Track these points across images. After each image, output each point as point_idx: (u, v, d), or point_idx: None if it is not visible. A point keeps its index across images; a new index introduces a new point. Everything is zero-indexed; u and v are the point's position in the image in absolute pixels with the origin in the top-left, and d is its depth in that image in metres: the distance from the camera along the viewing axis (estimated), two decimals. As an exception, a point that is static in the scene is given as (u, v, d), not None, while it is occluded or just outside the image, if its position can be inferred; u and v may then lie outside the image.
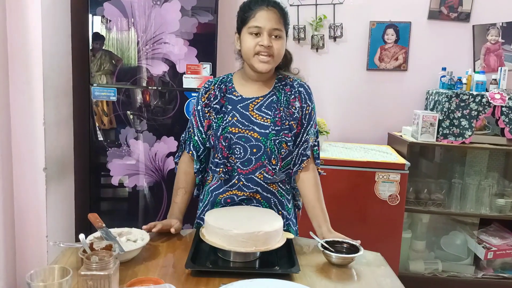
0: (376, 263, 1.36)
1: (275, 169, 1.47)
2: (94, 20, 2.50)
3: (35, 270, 0.89)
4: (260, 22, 1.42)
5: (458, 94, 2.72)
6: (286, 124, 1.48)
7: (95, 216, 1.33)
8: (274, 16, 1.43)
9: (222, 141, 1.47)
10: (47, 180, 2.24)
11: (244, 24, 1.46)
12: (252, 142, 1.47)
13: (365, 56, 3.12)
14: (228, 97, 1.53)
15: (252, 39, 1.43)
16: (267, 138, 1.46)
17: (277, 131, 1.46)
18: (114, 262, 0.97)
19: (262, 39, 1.42)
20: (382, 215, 2.63)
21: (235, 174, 1.49)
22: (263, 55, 1.43)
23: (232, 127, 1.47)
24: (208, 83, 1.57)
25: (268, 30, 1.42)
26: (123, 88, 2.58)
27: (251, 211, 1.43)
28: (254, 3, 1.45)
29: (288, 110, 1.49)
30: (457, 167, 2.99)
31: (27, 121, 2.19)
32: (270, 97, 1.51)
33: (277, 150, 1.46)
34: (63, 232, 2.48)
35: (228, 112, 1.50)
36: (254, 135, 1.46)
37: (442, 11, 3.05)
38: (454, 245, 3.03)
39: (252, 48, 1.43)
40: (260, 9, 1.42)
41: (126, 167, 2.65)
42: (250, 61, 1.46)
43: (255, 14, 1.42)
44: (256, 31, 1.42)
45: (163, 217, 2.69)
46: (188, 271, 1.19)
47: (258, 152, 1.47)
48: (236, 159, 1.48)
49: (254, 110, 1.49)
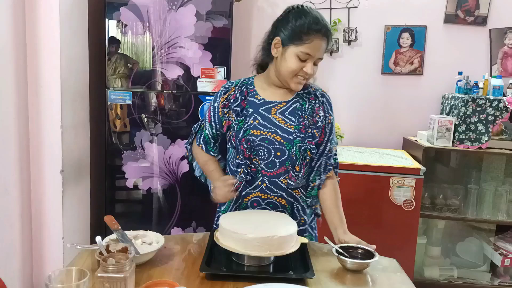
0: (391, 269, 1.35)
1: (297, 175, 1.49)
2: (110, 24, 2.54)
3: (53, 272, 0.91)
4: (312, 51, 1.40)
5: (474, 98, 2.69)
6: (309, 132, 1.49)
7: (111, 218, 1.34)
8: (324, 46, 1.43)
9: (244, 143, 1.47)
10: (64, 183, 2.27)
11: (295, 43, 1.41)
12: (276, 145, 1.47)
13: (380, 60, 3.11)
14: (249, 100, 1.53)
15: (298, 62, 1.42)
16: (292, 145, 1.46)
17: (302, 138, 1.47)
18: (130, 264, 0.98)
19: (307, 67, 1.42)
20: (397, 221, 2.61)
21: (259, 176, 1.49)
22: (302, 78, 1.45)
23: (254, 129, 1.48)
24: (229, 84, 1.58)
25: (315, 59, 1.43)
26: (139, 92, 2.60)
27: (266, 215, 1.43)
28: (314, 28, 1.40)
29: (312, 119, 1.51)
30: (474, 172, 2.95)
31: (44, 124, 2.22)
32: (294, 104, 1.52)
33: (301, 157, 1.48)
34: (79, 233, 2.50)
35: (249, 115, 1.50)
36: (277, 138, 1.47)
37: (458, 14, 3.02)
38: (470, 252, 2.99)
39: (294, 71, 1.44)
40: (317, 37, 1.39)
41: (140, 170, 2.67)
42: (287, 79, 1.47)
43: (312, 41, 1.39)
44: (304, 58, 1.41)
45: (177, 220, 2.71)
46: (202, 275, 1.19)
47: (282, 156, 1.47)
48: (260, 160, 1.48)
49: (277, 114, 1.50)
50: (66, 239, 2.33)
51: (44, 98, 2.21)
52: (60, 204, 2.28)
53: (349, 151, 2.93)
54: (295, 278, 1.19)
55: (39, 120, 2.21)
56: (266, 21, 3.09)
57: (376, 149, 3.06)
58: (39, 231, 2.29)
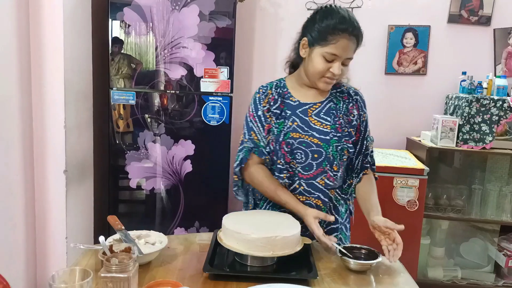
0: (395, 269, 1.35)
1: (336, 175, 1.48)
2: (114, 24, 2.54)
3: (56, 271, 0.91)
4: (338, 51, 1.37)
5: (478, 98, 2.67)
6: (346, 131, 1.48)
7: (115, 218, 1.34)
8: (353, 46, 1.39)
9: (284, 147, 1.46)
10: (67, 183, 2.28)
11: (320, 43, 1.39)
12: (313, 147, 1.46)
13: (384, 60, 3.10)
14: (285, 102, 1.51)
15: (325, 63, 1.40)
16: (329, 145, 1.46)
17: (339, 137, 1.47)
18: (134, 264, 0.98)
19: (334, 68, 1.39)
20: (400, 221, 2.54)
21: (296, 179, 1.49)
22: (329, 79, 1.43)
23: (293, 132, 1.47)
24: (264, 88, 1.55)
25: (343, 60, 1.40)
26: (142, 92, 2.61)
27: (269, 216, 1.43)
28: (339, 27, 1.36)
29: (347, 118, 1.50)
30: (478, 172, 2.94)
31: (48, 124, 2.23)
32: (328, 104, 1.51)
33: (339, 156, 1.47)
34: (82, 233, 2.51)
35: (288, 117, 1.48)
36: (314, 140, 1.46)
37: (462, 14, 3.01)
38: (474, 252, 2.98)
39: (322, 72, 1.42)
40: (343, 36, 1.36)
41: (144, 170, 2.67)
42: (314, 80, 1.45)
43: (337, 41, 1.36)
44: (331, 58, 1.39)
45: (180, 220, 2.72)
46: (205, 275, 1.19)
47: (319, 157, 1.46)
48: (297, 164, 1.47)
49: (313, 116, 1.49)
50: (70, 239, 2.33)
51: (47, 98, 2.22)
52: (63, 204, 2.28)
53: (352, 151, 2.92)
54: (298, 278, 1.18)
55: (42, 120, 2.22)
56: (269, 21, 3.12)
57: (379, 149, 3.05)
58: (43, 231, 2.30)
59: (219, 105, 2.63)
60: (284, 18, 3.06)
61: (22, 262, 2.17)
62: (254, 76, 3.19)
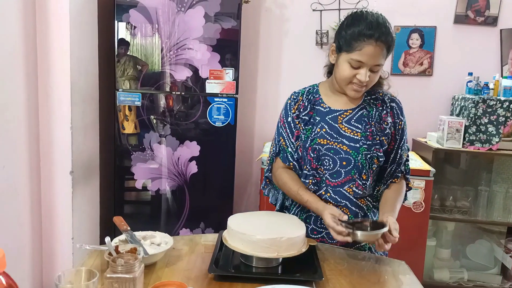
0: (401, 271, 1.34)
1: (365, 184, 1.44)
2: (120, 26, 2.55)
3: (62, 272, 0.91)
4: (364, 58, 1.33)
5: (485, 99, 2.66)
6: (377, 139, 1.44)
7: (120, 219, 1.35)
8: (380, 52, 1.33)
9: (311, 152, 1.44)
10: (73, 183, 2.29)
11: (347, 50, 1.36)
12: (342, 154, 1.43)
13: (389, 61, 3.10)
14: (316, 108, 1.49)
15: (351, 69, 1.36)
16: (358, 152, 1.42)
17: (369, 146, 1.42)
18: (139, 265, 0.98)
19: (361, 74, 1.35)
20: (406, 222, 2.57)
21: (323, 186, 1.46)
22: (357, 85, 1.38)
23: (321, 138, 1.44)
24: (296, 94, 1.53)
25: (369, 66, 1.35)
26: (147, 93, 2.62)
27: (274, 217, 1.43)
28: (364, 33, 1.32)
29: (380, 126, 1.45)
30: (484, 174, 2.93)
31: (54, 125, 2.24)
32: (360, 111, 1.47)
33: (368, 165, 1.43)
34: (88, 234, 2.52)
35: (316, 124, 1.46)
36: (344, 147, 1.43)
37: (468, 15, 2.99)
38: (480, 254, 2.96)
39: (349, 78, 1.38)
40: (369, 43, 1.31)
41: (149, 171, 2.68)
42: (343, 86, 1.42)
43: (362, 48, 1.32)
44: (356, 65, 1.35)
45: (185, 221, 2.72)
46: (211, 276, 1.19)
47: (348, 165, 1.43)
48: (324, 171, 1.45)
49: (343, 123, 1.45)
50: (76, 239, 2.34)
51: (54, 100, 2.23)
52: (69, 205, 2.29)
53: (357, 153, 2.92)
54: (303, 280, 1.18)
55: (49, 121, 2.23)
56: (274, 22, 3.12)
57: (385, 150, 3.04)
58: (49, 231, 2.31)
59: (224, 107, 2.64)
60: (289, 19, 3.06)
61: (28, 262, 2.19)
62: (259, 77, 3.20)
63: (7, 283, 0.60)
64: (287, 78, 3.17)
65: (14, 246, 2.06)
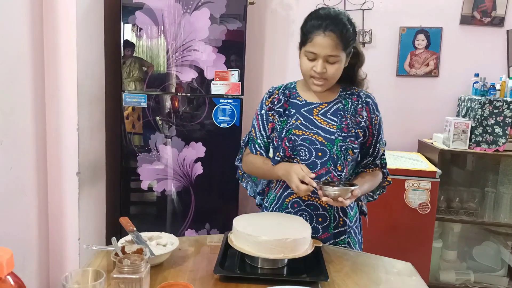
0: (406, 273, 1.34)
1: (340, 175, 1.48)
2: (126, 28, 2.57)
3: (69, 272, 0.92)
4: (315, 48, 1.39)
5: (491, 100, 2.65)
6: (352, 131, 1.48)
7: (127, 220, 1.35)
8: (331, 43, 1.37)
9: (286, 142, 1.48)
10: (80, 184, 2.30)
11: (302, 44, 1.44)
12: (317, 145, 1.47)
13: (395, 62, 3.09)
14: (291, 101, 1.54)
15: (308, 62, 1.43)
16: (333, 144, 1.46)
17: (344, 137, 1.46)
18: (145, 265, 0.98)
19: (316, 65, 1.40)
20: (412, 224, 2.58)
21: None
22: (317, 79, 1.43)
23: (296, 129, 1.49)
24: (272, 89, 1.59)
25: (323, 57, 1.39)
26: (153, 95, 2.63)
27: (280, 218, 1.43)
28: (313, 24, 1.39)
29: (355, 119, 1.50)
30: (490, 175, 2.91)
31: (61, 127, 2.26)
32: (336, 105, 1.52)
33: (343, 156, 1.46)
34: (94, 235, 2.53)
35: (291, 116, 1.51)
36: (319, 138, 1.47)
37: (474, 16, 2.98)
38: (487, 256, 2.95)
39: (307, 71, 1.44)
40: (317, 34, 1.37)
41: (155, 172, 2.69)
42: (306, 80, 1.48)
43: (313, 39, 1.38)
44: (311, 56, 1.41)
45: (191, 222, 2.73)
46: (216, 276, 1.20)
47: (324, 157, 1.47)
48: (301, 161, 1.48)
49: (319, 115, 1.50)
50: (82, 240, 2.36)
51: (61, 101, 2.24)
52: (76, 206, 2.31)
53: (363, 154, 2.91)
54: (309, 281, 1.18)
55: (56, 122, 2.25)
56: (280, 23, 3.12)
57: (391, 151, 3.04)
58: (56, 232, 2.32)
59: (230, 108, 2.64)
60: (295, 20, 3.06)
61: (35, 262, 2.20)
62: (264, 78, 3.20)
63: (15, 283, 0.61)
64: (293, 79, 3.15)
65: (22, 246, 2.08)
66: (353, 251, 1.46)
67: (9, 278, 0.61)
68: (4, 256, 0.59)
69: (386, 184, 1.66)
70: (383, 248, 1.74)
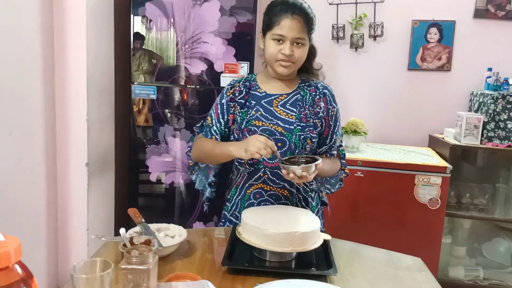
0: (416, 268, 1.32)
1: None
2: (135, 20, 2.56)
3: (78, 262, 0.92)
4: (283, 31, 1.43)
5: (504, 95, 2.61)
6: (311, 121, 1.51)
7: (135, 211, 1.35)
8: (298, 26, 1.43)
9: (246, 133, 1.50)
10: (89, 175, 2.31)
11: (269, 28, 1.47)
12: (277, 136, 1.49)
13: (407, 55, 3.05)
14: (252, 93, 1.57)
15: (275, 45, 1.46)
16: (292, 134, 1.48)
17: (302, 127, 1.49)
18: (153, 257, 0.98)
19: (284, 48, 1.44)
20: (422, 219, 2.56)
21: (261, 167, 1.52)
22: (284, 61, 1.47)
23: (256, 120, 1.50)
24: (233, 81, 1.62)
25: (291, 39, 1.44)
26: (162, 87, 2.62)
27: (288, 211, 1.42)
28: (280, 9, 1.45)
29: (313, 109, 1.53)
30: (502, 171, 2.87)
31: (71, 118, 2.27)
32: (295, 95, 1.55)
33: (301, 145, 1.49)
34: (102, 225, 2.55)
35: (252, 107, 1.53)
36: (279, 129, 1.49)
37: (489, 9, 2.93)
38: (497, 252, 2.92)
39: (274, 55, 1.47)
40: (285, 17, 1.43)
41: (164, 164, 2.69)
42: (272, 65, 1.51)
43: (280, 22, 1.44)
44: (279, 38, 1.45)
45: (198, 214, 2.73)
46: (224, 269, 1.19)
47: (283, 147, 1.49)
48: None
49: (279, 106, 1.52)
50: (91, 230, 2.37)
51: (70, 93, 2.25)
52: (85, 197, 2.32)
53: (373, 148, 2.89)
54: (317, 274, 1.17)
55: (65, 114, 2.26)
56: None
57: (401, 146, 3.01)
58: (65, 222, 2.34)
59: (239, 100, 2.63)
60: (305, 13, 3.03)
61: (44, 252, 2.22)
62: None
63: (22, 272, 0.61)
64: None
65: (31, 236, 2.10)
66: (362, 245, 1.45)
67: (17, 266, 0.60)
68: (11, 245, 0.59)
69: (343, 176, 1.65)
70: (392, 243, 1.73)
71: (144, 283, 0.95)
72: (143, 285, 0.96)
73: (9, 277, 0.58)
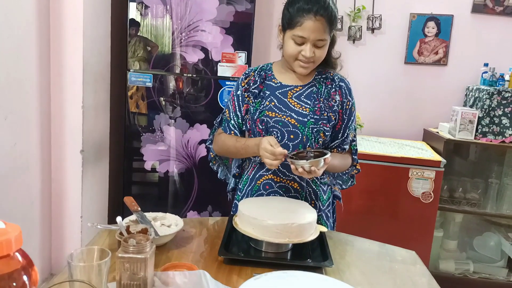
0: (410, 261, 1.33)
1: None
2: (131, 6, 2.53)
3: (75, 250, 0.91)
4: (305, 33, 1.37)
5: (500, 91, 2.62)
6: (325, 114, 1.48)
7: (131, 199, 1.35)
8: (321, 27, 1.36)
9: (259, 124, 1.48)
10: (83, 162, 2.30)
11: (289, 27, 1.40)
12: (290, 128, 1.46)
13: (404, 49, 3.05)
14: (267, 83, 1.53)
15: (295, 46, 1.40)
16: (305, 126, 1.46)
17: (316, 120, 1.46)
18: (151, 246, 0.98)
19: (305, 50, 1.39)
20: (414, 213, 2.58)
21: None
22: (304, 62, 1.42)
23: (269, 111, 1.48)
24: (249, 70, 1.59)
25: (312, 41, 1.38)
26: (158, 75, 2.60)
27: (286, 203, 1.42)
28: (303, 9, 1.36)
29: (328, 102, 1.49)
30: (495, 166, 2.90)
31: (66, 104, 2.25)
32: (310, 88, 1.51)
33: (314, 138, 1.46)
34: (96, 213, 2.54)
35: (266, 97, 1.50)
36: (291, 121, 1.46)
37: (487, 4, 2.93)
38: (487, 247, 2.95)
39: (294, 55, 1.42)
40: (308, 18, 1.35)
41: (158, 153, 2.68)
42: (291, 63, 1.46)
43: (303, 23, 1.36)
44: (300, 41, 1.39)
45: (193, 204, 2.73)
46: (220, 259, 1.20)
47: (296, 139, 1.47)
48: None
49: (293, 98, 1.49)
50: (85, 218, 2.36)
51: (66, 79, 2.23)
52: (79, 184, 2.31)
53: (368, 141, 2.90)
54: (313, 266, 1.18)
55: (61, 100, 2.24)
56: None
57: (396, 139, 3.02)
58: (59, 209, 2.33)
59: (236, 90, 2.61)
60: (303, 3, 3.01)
61: (38, 239, 2.21)
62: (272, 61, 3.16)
63: (23, 259, 0.60)
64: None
65: (25, 222, 2.09)
66: (358, 238, 1.46)
67: (18, 254, 0.60)
68: (12, 233, 0.58)
69: (355, 173, 1.62)
70: (385, 236, 1.74)
71: (141, 272, 0.95)
72: (140, 274, 0.95)
73: (10, 265, 0.57)
